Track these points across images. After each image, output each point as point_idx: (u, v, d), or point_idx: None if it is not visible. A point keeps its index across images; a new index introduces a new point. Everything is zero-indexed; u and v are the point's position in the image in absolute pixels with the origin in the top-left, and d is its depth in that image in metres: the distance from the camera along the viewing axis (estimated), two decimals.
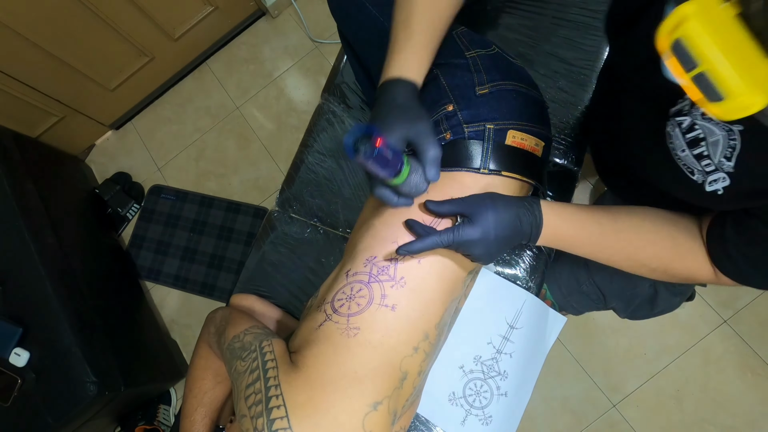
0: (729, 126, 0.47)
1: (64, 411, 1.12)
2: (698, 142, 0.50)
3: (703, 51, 0.29)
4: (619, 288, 0.96)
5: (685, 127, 0.51)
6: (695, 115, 0.50)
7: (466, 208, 0.61)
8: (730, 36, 0.28)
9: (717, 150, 0.49)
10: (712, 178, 0.51)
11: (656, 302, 0.93)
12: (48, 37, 1.42)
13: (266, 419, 0.54)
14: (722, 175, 0.50)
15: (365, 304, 0.61)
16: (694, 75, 0.30)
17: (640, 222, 0.63)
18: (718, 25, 0.28)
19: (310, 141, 1.11)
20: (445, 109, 0.72)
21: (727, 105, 0.29)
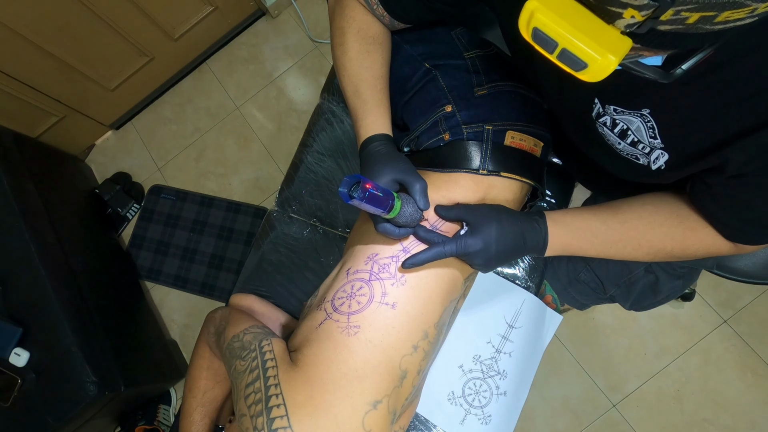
0: (639, 111, 0.53)
1: (64, 411, 1.13)
2: (625, 132, 0.56)
3: (556, 32, 0.33)
4: (616, 273, 0.97)
5: (609, 125, 0.57)
6: (610, 112, 0.55)
7: (471, 217, 0.63)
8: (574, 14, 0.33)
9: (642, 134, 0.54)
10: (653, 157, 0.56)
11: (658, 288, 0.94)
12: (48, 37, 1.42)
13: (266, 418, 0.54)
14: (659, 152, 0.55)
15: (366, 302, 0.61)
16: (557, 54, 0.35)
17: (640, 207, 0.63)
18: (562, 7, 0.33)
19: (309, 141, 1.11)
20: (444, 110, 0.73)
21: (591, 70, 0.34)
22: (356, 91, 0.70)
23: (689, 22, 0.31)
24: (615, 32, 0.33)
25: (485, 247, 0.61)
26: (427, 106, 0.74)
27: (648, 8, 0.30)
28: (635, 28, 0.32)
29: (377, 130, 0.67)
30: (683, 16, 0.30)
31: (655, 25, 0.32)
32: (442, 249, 0.61)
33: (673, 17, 0.31)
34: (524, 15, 0.34)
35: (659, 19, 0.31)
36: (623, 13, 0.31)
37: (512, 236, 0.62)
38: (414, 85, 0.76)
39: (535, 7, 0.34)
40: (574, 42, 0.33)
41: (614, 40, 0.33)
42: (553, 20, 0.33)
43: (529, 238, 0.62)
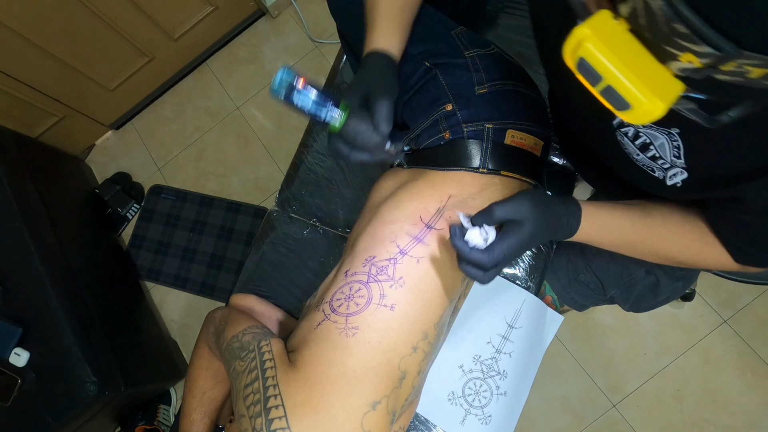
0: (667, 129, 0.50)
1: (64, 411, 1.12)
2: (647, 146, 0.54)
3: (604, 67, 0.31)
4: (616, 274, 0.97)
5: (631, 136, 0.55)
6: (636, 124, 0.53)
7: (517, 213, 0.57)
8: (627, 49, 0.31)
9: (665, 152, 0.52)
10: (671, 173, 0.54)
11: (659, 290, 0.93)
12: (48, 37, 1.42)
13: (265, 419, 0.54)
14: (679, 170, 0.53)
15: (364, 304, 0.61)
16: (600, 89, 0.32)
17: (669, 215, 0.63)
18: (614, 40, 0.31)
19: (309, 141, 1.11)
20: (444, 108, 0.72)
21: (635, 112, 0.32)
22: (374, 3, 0.65)
23: (751, 77, 0.29)
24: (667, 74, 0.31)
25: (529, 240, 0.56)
26: (427, 104, 0.74)
27: (709, 57, 0.28)
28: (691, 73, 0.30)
29: (380, 45, 0.63)
30: (746, 69, 0.28)
31: (712, 73, 0.29)
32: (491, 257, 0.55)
33: (735, 69, 0.28)
34: (571, 41, 0.32)
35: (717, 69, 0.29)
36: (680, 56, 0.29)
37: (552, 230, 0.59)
38: (414, 84, 0.76)
39: (585, 35, 0.31)
40: (622, 81, 0.31)
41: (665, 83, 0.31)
42: (602, 53, 0.31)
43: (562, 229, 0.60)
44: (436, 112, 0.73)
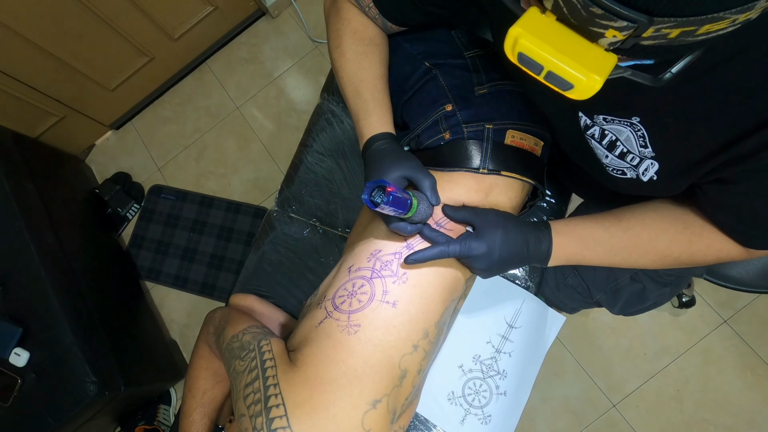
0: (629, 120, 0.52)
1: (64, 411, 1.13)
2: (614, 144, 0.56)
3: (541, 56, 0.34)
4: (602, 279, 0.97)
5: (598, 136, 0.57)
6: (599, 122, 0.55)
7: (478, 221, 0.63)
8: (557, 36, 0.34)
9: (632, 144, 0.54)
10: (643, 168, 0.56)
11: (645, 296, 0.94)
12: (48, 37, 1.42)
13: (265, 418, 0.54)
14: (650, 162, 0.54)
15: (366, 301, 0.61)
16: (544, 75, 0.35)
17: (642, 214, 0.63)
18: (545, 31, 0.34)
19: (309, 141, 1.11)
20: (444, 109, 0.73)
21: (578, 90, 0.35)
22: (357, 92, 0.70)
23: (671, 37, 0.31)
24: (599, 50, 0.33)
25: (489, 252, 0.61)
26: (427, 105, 0.74)
27: (628, 29, 0.30)
28: (618, 44, 0.33)
29: (380, 129, 0.67)
30: (664, 32, 0.31)
31: (637, 41, 0.32)
32: (446, 249, 0.61)
33: (654, 34, 0.31)
34: (509, 41, 0.35)
35: (641, 37, 0.32)
36: (605, 33, 0.32)
37: (516, 244, 0.62)
38: (414, 84, 0.76)
39: (519, 33, 0.34)
40: (559, 65, 0.34)
41: (598, 58, 0.34)
42: (537, 45, 0.34)
43: (532, 247, 0.63)
44: (436, 112, 0.73)
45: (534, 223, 0.65)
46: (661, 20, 0.30)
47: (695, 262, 0.62)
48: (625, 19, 0.30)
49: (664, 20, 0.30)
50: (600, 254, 0.64)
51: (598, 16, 0.31)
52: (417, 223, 0.61)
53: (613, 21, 0.30)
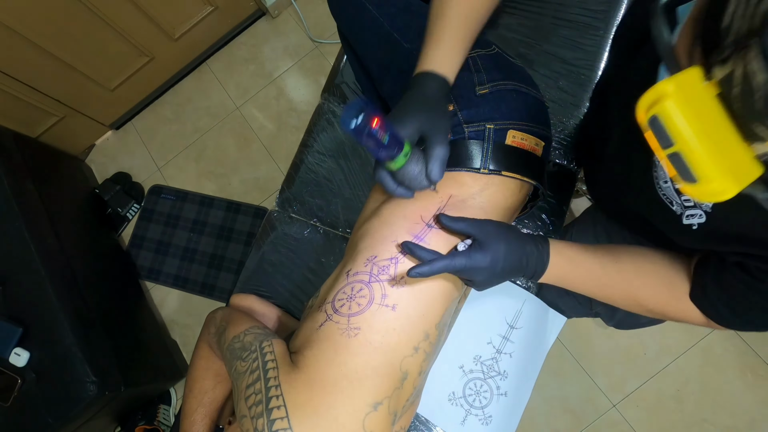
0: None
1: (64, 411, 1.13)
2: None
3: (679, 132, 0.28)
4: None
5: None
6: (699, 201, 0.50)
7: (479, 232, 0.61)
8: (709, 117, 0.27)
9: None
10: (690, 213, 0.52)
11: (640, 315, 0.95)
12: (48, 37, 1.42)
13: (266, 419, 0.54)
14: (699, 212, 0.50)
15: (366, 304, 0.61)
16: (669, 153, 0.29)
17: (640, 265, 0.64)
18: (697, 104, 0.28)
19: (310, 141, 1.11)
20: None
21: (700, 188, 0.29)
22: (440, 14, 0.61)
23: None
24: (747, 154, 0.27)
25: (492, 265, 0.59)
26: None
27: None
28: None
29: (438, 68, 0.60)
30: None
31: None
32: (451, 262, 0.58)
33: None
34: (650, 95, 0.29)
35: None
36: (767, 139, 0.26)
37: (517, 257, 0.61)
38: None
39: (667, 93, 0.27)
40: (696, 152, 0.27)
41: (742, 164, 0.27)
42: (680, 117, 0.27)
43: (531, 262, 0.62)
44: None
45: (533, 237, 0.64)
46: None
47: (660, 316, 0.64)
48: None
49: None
50: (588, 285, 0.64)
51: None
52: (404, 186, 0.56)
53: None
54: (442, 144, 0.56)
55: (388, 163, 0.51)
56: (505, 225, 0.64)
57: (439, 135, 0.56)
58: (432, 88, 0.59)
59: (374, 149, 0.48)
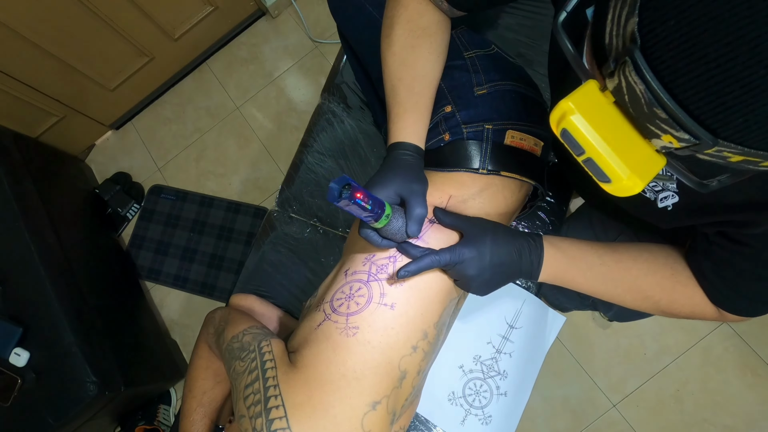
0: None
1: (64, 411, 1.13)
2: None
3: (586, 141, 0.31)
4: None
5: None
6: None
7: (467, 227, 0.62)
8: (610, 122, 0.31)
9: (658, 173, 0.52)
10: (662, 196, 0.54)
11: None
12: (48, 37, 1.42)
13: (265, 419, 0.54)
14: (670, 193, 0.53)
15: (364, 303, 0.61)
16: (583, 159, 0.33)
17: (637, 253, 0.63)
18: (598, 112, 0.31)
19: (309, 141, 1.11)
20: (444, 110, 0.73)
21: (614, 186, 0.32)
22: (393, 90, 0.66)
23: (732, 161, 0.29)
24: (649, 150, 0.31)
25: (479, 255, 0.60)
26: None
27: (687, 141, 0.28)
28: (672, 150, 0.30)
29: (405, 138, 0.64)
30: (725, 155, 0.29)
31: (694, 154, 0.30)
32: (437, 258, 0.59)
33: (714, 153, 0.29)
34: (556, 112, 0.33)
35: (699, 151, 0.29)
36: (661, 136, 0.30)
37: (507, 249, 0.61)
38: None
39: (568, 109, 0.31)
40: (603, 156, 0.31)
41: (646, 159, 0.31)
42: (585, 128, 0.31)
43: (524, 254, 0.62)
44: (436, 114, 0.73)
45: (525, 233, 0.64)
46: (727, 144, 0.28)
47: (672, 311, 0.63)
48: (689, 133, 0.28)
49: (729, 145, 0.28)
50: (588, 279, 0.64)
51: (660, 119, 0.29)
52: (387, 239, 0.60)
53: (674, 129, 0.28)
54: (420, 205, 0.59)
55: (372, 224, 0.56)
56: (494, 222, 0.64)
57: (415, 197, 0.59)
58: (404, 155, 0.63)
59: (359, 215, 0.54)
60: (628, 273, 0.62)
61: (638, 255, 0.63)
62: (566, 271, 0.63)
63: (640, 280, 0.62)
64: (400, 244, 0.62)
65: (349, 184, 0.51)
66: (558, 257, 0.63)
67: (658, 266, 0.62)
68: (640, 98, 0.29)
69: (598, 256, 0.63)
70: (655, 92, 0.28)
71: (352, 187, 0.51)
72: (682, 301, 0.61)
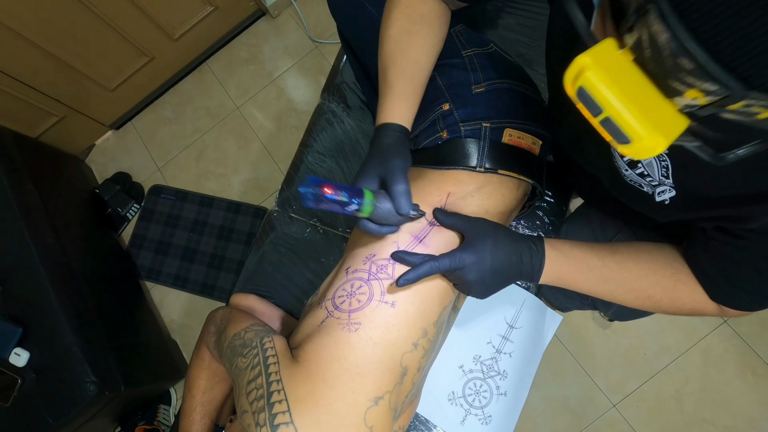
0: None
1: (64, 411, 1.12)
2: (635, 163, 0.54)
3: (604, 98, 0.30)
4: None
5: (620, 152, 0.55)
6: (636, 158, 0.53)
7: (468, 229, 0.62)
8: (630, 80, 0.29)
9: (653, 170, 0.52)
10: (660, 190, 0.54)
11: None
12: (48, 37, 1.42)
13: (268, 414, 0.54)
14: (667, 188, 0.53)
15: (366, 301, 0.62)
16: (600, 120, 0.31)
17: (636, 253, 0.63)
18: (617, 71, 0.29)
19: (309, 141, 1.11)
20: (441, 108, 0.73)
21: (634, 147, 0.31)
22: (384, 72, 0.66)
23: (760, 117, 0.28)
24: (671, 109, 0.29)
25: (479, 260, 0.59)
26: (425, 106, 0.74)
27: (716, 95, 0.27)
28: (696, 109, 0.29)
29: (390, 119, 0.64)
30: (754, 110, 0.27)
31: (719, 111, 0.28)
32: (436, 264, 0.59)
33: (742, 109, 0.27)
34: (573, 69, 0.31)
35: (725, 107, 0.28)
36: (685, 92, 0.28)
37: (507, 253, 0.60)
38: None
39: (587, 64, 0.30)
40: (623, 114, 0.29)
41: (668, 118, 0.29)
42: (604, 83, 0.30)
43: (525, 258, 0.61)
44: (433, 112, 0.73)
45: (527, 236, 0.64)
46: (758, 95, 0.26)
47: (673, 310, 0.63)
48: (717, 82, 0.26)
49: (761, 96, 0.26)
50: (590, 280, 0.63)
51: (686, 71, 0.27)
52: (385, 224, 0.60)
53: (700, 81, 0.26)
54: (399, 182, 0.58)
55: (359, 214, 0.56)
56: (495, 224, 0.64)
57: (393, 174, 0.58)
58: (388, 136, 0.63)
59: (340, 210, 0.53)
60: (629, 273, 0.62)
61: (638, 255, 0.63)
62: (568, 274, 0.63)
63: (641, 280, 0.62)
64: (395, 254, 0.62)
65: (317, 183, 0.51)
66: (559, 260, 0.63)
67: (659, 266, 0.62)
68: (663, 50, 0.27)
69: (599, 257, 0.63)
70: (681, 39, 0.26)
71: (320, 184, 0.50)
72: (683, 299, 0.61)
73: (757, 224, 0.47)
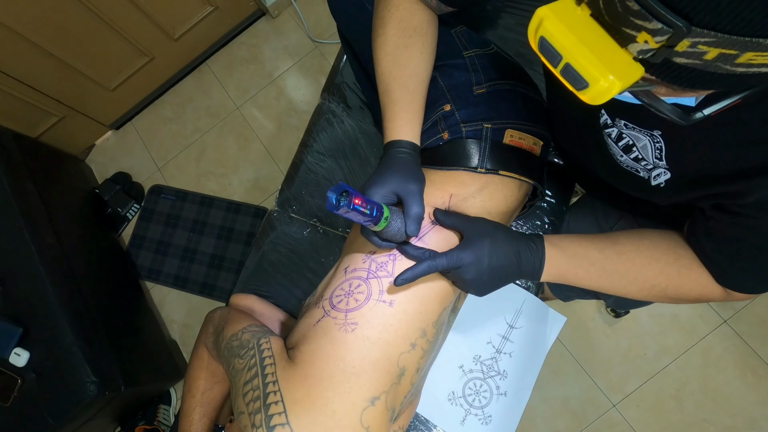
0: (650, 131, 0.52)
1: (64, 411, 1.12)
2: (630, 147, 0.55)
3: (563, 44, 0.32)
4: None
5: (615, 137, 0.56)
6: (620, 125, 0.55)
7: (466, 228, 0.62)
8: (587, 31, 0.32)
9: (648, 153, 0.54)
10: (655, 174, 0.55)
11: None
12: (48, 37, 1.42)
13: (264, 415, 0.54)
14: (662, 170, 0.54)
15: (363, 300, 0.61)
16: (560, 68, 0.33)
17: (638, 241, 0.63)
18: (575, 23, 0.32)
19: (309, 141, 1.11)
20: (443, 109, 0.73)
21: (592, 91, 0.32)
22: (387, 89, 0.66)
23: (707, 58, 0.29)
24: (627, 57, 0.31)
25: (477, 260, 0.59)
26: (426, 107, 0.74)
27: (662, 34, 0.29)
28: (649, 55, 0.31)
29: (401, 136, 0.64)
30: (701, 50, 0.29)
31: (670, 55, 0.30)
32: (434, 263, 0.59)
33: (689, 49, 0.29)
34: (534, 22, 0.33)
35: (674, 50, 0.29)
36: (637, 37, 0.30)
37: (506, 252, 0.60)
38: None
39: (545, 15, 0.32)
40: (578, 58, 0.32)
41: (624, 64, 0.31)
42: (561, 32, 0.32)
43: (524, 257, 0.61)
44: (435, 113, 0.73)
45: (526, 234, 0.64)
46: (700, 31, 0.28)
47: (680, 297, 0.62)
48: (662, 20, 0.28)
49: (702, 32, 0.28)
50: (592, 274, 0.63)
51: (634, 13, 0.29)
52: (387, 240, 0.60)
53: (647, 21, 0.29)
54: (417, 205, 0.59)
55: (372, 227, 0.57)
56: (495, 224, 0.64)
57: (412, 197, 0.59)
58: (401, 153, 0.63)
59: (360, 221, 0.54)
60: (632, 264, 0.62)
61: (639, 243, 0.62)
62: (569, 270, 0.63)
63: (645, 270, 0.61)
64: (400, 245, 0.62)
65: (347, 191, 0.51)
66: (560, 257, 0.62)
67: (661, 253, 0.61)
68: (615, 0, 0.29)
69: (599, 250, 0.63)
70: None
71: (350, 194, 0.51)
72: (689, 285, 0.60)
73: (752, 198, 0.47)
